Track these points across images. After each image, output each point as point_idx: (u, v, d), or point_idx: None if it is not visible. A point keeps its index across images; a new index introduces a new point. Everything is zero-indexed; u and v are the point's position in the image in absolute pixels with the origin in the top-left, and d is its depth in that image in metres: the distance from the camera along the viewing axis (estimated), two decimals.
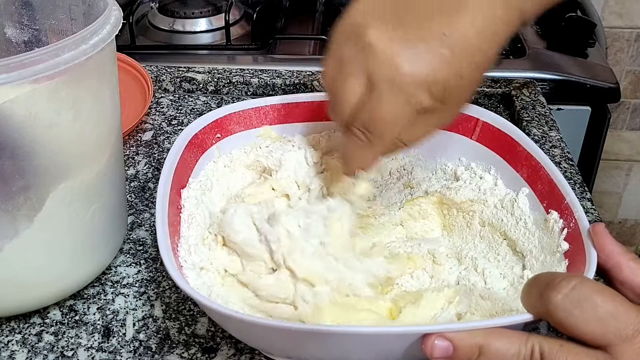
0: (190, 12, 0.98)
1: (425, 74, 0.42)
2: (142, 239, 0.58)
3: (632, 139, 1.40)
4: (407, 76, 0.41)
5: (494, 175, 0.54)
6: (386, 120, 0.44)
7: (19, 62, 0.39)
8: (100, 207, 0.49)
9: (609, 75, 0.88)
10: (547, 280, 0.38)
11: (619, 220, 1.49)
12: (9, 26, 0.53)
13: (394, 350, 0.41)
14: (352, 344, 0.41)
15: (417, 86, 0.42)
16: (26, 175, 0.43)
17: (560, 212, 0.47)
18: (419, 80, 0.42)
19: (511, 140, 0.53)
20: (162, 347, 0.49)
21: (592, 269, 0.41)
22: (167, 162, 0.51)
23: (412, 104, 0.42)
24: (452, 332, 0.39)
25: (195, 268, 0.47)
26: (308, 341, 0.41)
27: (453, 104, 0.44)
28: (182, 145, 0.53)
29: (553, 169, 0.49)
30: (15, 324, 0.51)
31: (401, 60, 0.41)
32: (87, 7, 0.50)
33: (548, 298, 0.37)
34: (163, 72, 0.81)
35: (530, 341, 0.38)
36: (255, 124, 0.58)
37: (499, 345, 0.38)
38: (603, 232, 0.43)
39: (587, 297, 0.37)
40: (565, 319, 0.37)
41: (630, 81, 1.33)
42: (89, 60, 0.42)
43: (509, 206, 0.52)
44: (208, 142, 0.56)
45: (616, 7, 1.25)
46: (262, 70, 0.82)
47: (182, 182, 0.52)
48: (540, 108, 0.76)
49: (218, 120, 0.57)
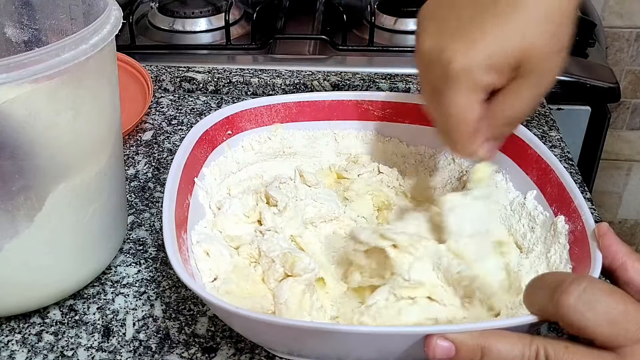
0: (190, 12, 0.98)
1: (482, 59, 0.42)
2: (142, 239, 0.58)
3: (632, 138, 1.40)
4: (459, 69, 0.42)
5: (504, 177, 0.55)
6: (453, 117, 0.44)
7: (19, 62, 0.39)
8: (100, 207, 0.49)
9: (609, 75, 0.88)
10: (556, 282, 0.38)
11: (619, 220, 1.49)
12: (9, 26, 0.53)
13: (396, 349, 0.41)
14: (353, 343, 0.41)
15: (477, 73, 0.42)
16: (26, 175, 0.43)
17: (567, 214, 0.48)
18: (475, 67, 0.42)
19: (522, 143, 0.53)
20: (162, 347, 0.49)
21: (596, 272, 0.41)
22: (177, 156, 0.51)
23: (477, 91, 0.43)
24: (454, 333, 0.38)
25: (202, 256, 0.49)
26: (310, 338, 0.42)
27: (536, 70, 0.43)
28: (193, 139, 0.54)
29: (563, 171, 0.49)
30: (15, 323, 0.51)
31: (449, 56, 0.42)
32: (87, 7, 0.50)
33: (560, 301, 0.37)
34: (163, 72, 0.81)
35: (535, 343, 0.37)
36: (267, 121, 0.59)
37: (501, 347, 0.38)
38: (608, 233, 0.43)
39: (599, 299, 0.36)
40: (579, 322, 0.36)
41: (630, 81, 1.33)
42: (89, 60, 0.42)
43: (518, 208, 0.52)
44: (219, 138, 0.57)
45: (616, 7, 1.25)
46: (262, 70, 0.82)
47: (191, 175, 0.53)
48: (540, 108, 0.76)
49: (229, 117, 0.57)
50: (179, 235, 0.47)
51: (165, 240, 0.45)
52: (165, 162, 0.68)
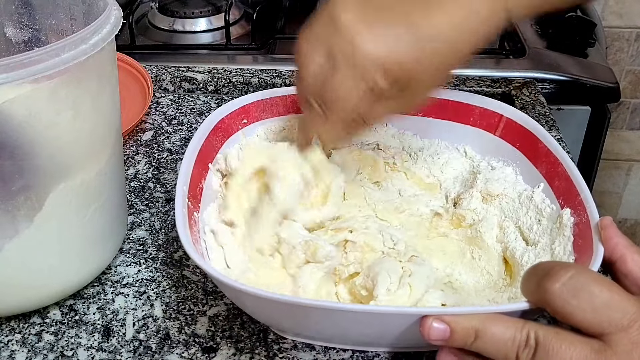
0: (190, 12, 0.98)
1: (383, 55, 0.43)
2: (142, 239, 0.58)
3: (632, 138, 1.40)
4: (364, 53, 0.43)
5: (515, 170, 0.56)
6: (339, 94, 0.45)
7: (19, 62, 0.39)
8: (100, 206, 0.49)
9: (608, 75, 0.88)
10: (546, 270, 0.39)
11: (619, 220, 1.49)
12: (9, 26, 0.53)
13: (392, 329, 0.42)
14: (352, 322, 0.42)
15: (372, 64, 0.44)
16: (26, 175, 0.43)
17: (573, 207, 0.48)
18: (375, 59, 0.43)
19: (533, 137, 0.55)
20: (162, 346, 0.49)
21: (597, 263, 0.42)
22: (193, 141, 0.53)
23: (366, 81, 0.44)
24: (449, 316, 0.39)
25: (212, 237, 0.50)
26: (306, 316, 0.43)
27: (412, 91, 0.46)
28: (208, 127, 0.55)
29: (571, 165, 0.50)
30: (15, 323, 0.51)
31: (361, 39, 0.43)
32: (87, 7, 0.50)
33: (546, 286, 0.38)
34: (163, 72, 0.81)
35: (526, 328, 0.38)
36: (282, 112, 0.60)
37: (495, 330, 0.39)
38: (610, 226, 0.44)
39: (584, 287, 0.37)
40: (562, 308, 0.37)
41: (630, 81, 1.33)
42: (89, 60, 0.42)
43: (526, 201, 0.53)
44: (234, 127, 0.58)
45: (616, 7, 1.25)
46: (262, 70, 0.82)
47: (206, 161, 0.54)
48: (540, 108, 0.76)
49: (245, 106, 0.58)
50: (190, 217, 0.48)
51: (176, 218, 0.46)
52: (165, 162, 0.68)
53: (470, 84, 0.79)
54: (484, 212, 0.54)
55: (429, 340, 0.40)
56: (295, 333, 0.48)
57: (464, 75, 0.82)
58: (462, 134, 0.59)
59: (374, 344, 0.48)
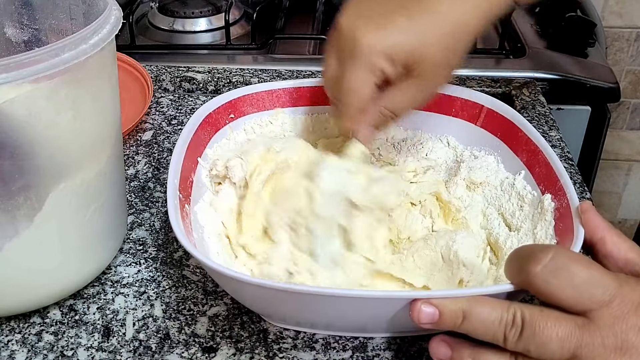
0: (190, 12, 0.98)
1: (386, 42, 0.46)
2: (142, 239, 0.58)
3: (632, 138, 1.40)
4: (365, 43, 0.46)
5: (496, 159, 0.57)
6: (350, 86, 0.48)
7: (19, 62, 0.39)
8: (100, 206, 0.49)
9: (608, 75, 0.88)
10: (527, 253, 0.40)
11: (619, 220, 1.49)
12: (9, 26, 0.53)
13: (382, 314, 0.44)
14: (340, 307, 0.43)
15: (375, 52, 0.46)
16: (26, 175, 0.43)
17: (554, 193, 0.50)
18: (376, 47, 0.46)
19: (513, 126, 0.56)
20: (162, 346, 0.49)
21: (578, 245, 0.44)
22: (182, 136, 0.53)
23: (373, 70, 0.47)
24: (437, 299, 0.41)
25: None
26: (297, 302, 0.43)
27: (426, 72, 0.48)
28: (196, 122, 0.56)
29: (550, 152, 0.52)
30: (15, 323, 0.51)
31: (361, 32, 0.47)
32: (87, 7, 0.50)
33: (528, 269, 0.39)
34: (163, 72, 0.81)
35: (512, 308, 0.39)
36: (268, 106, 0.61)
37: (482, 311, 0.40)
38: (590, 209, 0.46)
39: (564, 266, 0.38)
40: (544, 288, 0.39)
41: (630, 81, 1.33)
42: (89, 60, 0.42)
43: (508, 188, 0.55)
44: (222, 121, 0.58)
45: (616, 7, 1.25)
46: (262, 70, 0.82)
47: (194, 155, 0.54)
48: (540, 108, 0.76)
49: (232, 101, 0.59)
50: (182, 208, 0.49)
51: (169, 211, 0.46)
52: (165, 162, 0.68)
53: (470, 84, 0.79)
54: (469, 199, 0.56)
55: (419, 323, 0.41)
56: (296, 322, 0.49)
57: (464, 75, 0.82)
58: (445, 125, 0.60)
59: (368, 329, 0.49)
